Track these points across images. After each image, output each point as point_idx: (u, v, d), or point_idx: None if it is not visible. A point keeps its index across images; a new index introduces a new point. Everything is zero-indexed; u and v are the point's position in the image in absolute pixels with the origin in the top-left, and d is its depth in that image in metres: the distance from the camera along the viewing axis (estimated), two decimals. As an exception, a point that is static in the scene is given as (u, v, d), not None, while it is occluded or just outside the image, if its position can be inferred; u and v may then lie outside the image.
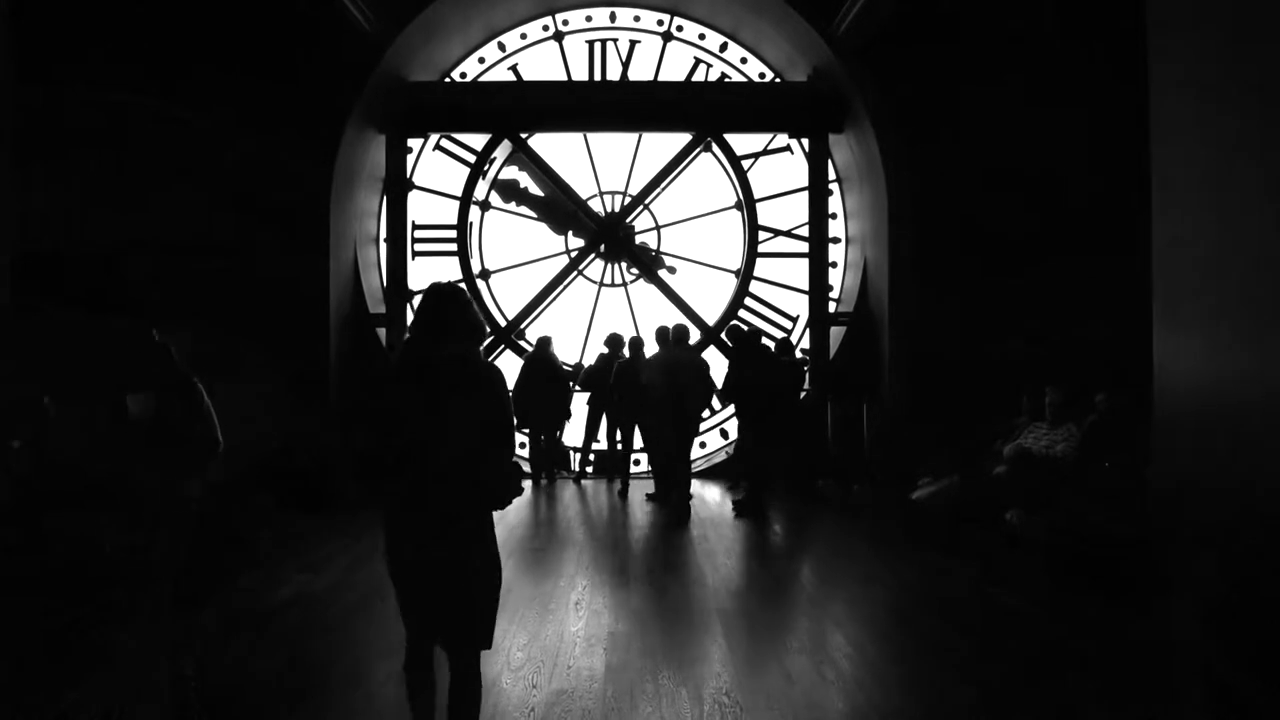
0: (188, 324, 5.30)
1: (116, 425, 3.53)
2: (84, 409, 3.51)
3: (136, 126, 9.95)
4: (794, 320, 12.16)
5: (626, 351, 10.47)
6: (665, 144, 12.28)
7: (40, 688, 3.65)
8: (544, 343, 11.19)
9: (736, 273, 12.37)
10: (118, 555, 3.74)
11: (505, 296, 12.40)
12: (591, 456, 11.74)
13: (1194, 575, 3.70)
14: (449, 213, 12.13)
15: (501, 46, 12.24)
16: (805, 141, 12.06)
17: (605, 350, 10.90)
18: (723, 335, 11.44)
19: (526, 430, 11.21)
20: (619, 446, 10.86)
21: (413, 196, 12.00)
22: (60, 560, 4.03)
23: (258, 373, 8.71)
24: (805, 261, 12.03)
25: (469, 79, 12.19)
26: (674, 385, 8.90)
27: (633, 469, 11.14)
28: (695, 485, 10.62)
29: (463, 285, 4.38)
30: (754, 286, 12.22)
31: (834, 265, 12.07)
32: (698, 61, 12.27)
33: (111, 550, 3.86)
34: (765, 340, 9.83)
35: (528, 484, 11.04)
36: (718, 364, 10.18)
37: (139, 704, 3.70)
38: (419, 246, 12.04)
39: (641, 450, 11.15)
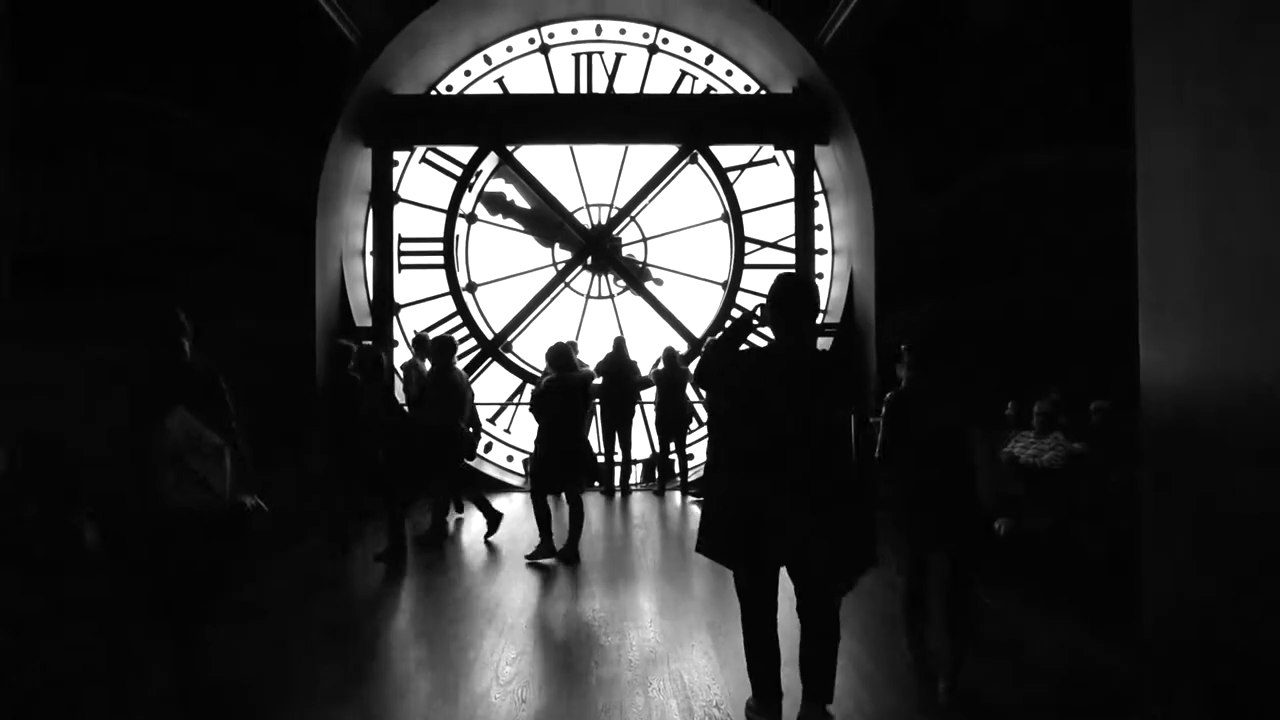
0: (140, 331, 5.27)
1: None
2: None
3: (135, 127, 9.95)
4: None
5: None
6: (651, 156, 12.31)
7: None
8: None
9: (724, 285, 12.38)
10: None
11: (492, 309, 12.38)
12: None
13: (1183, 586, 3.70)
14: (435, 225, 12.11)
15: (488, 59, 12.25)
16: (791, 153, 12.11)
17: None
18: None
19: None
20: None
21: (399, 209, 11.98)
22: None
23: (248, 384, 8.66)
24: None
25: (455, 92, 12.20)
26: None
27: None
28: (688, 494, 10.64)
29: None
30: (741, 298, 12.23)
31: (820, 277, 12.10)
32: (683, 74, 12.31)
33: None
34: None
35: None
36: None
37: None
38: (405, 259, 12.01)
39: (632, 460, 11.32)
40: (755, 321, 4.04)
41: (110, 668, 4.74)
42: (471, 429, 8.70)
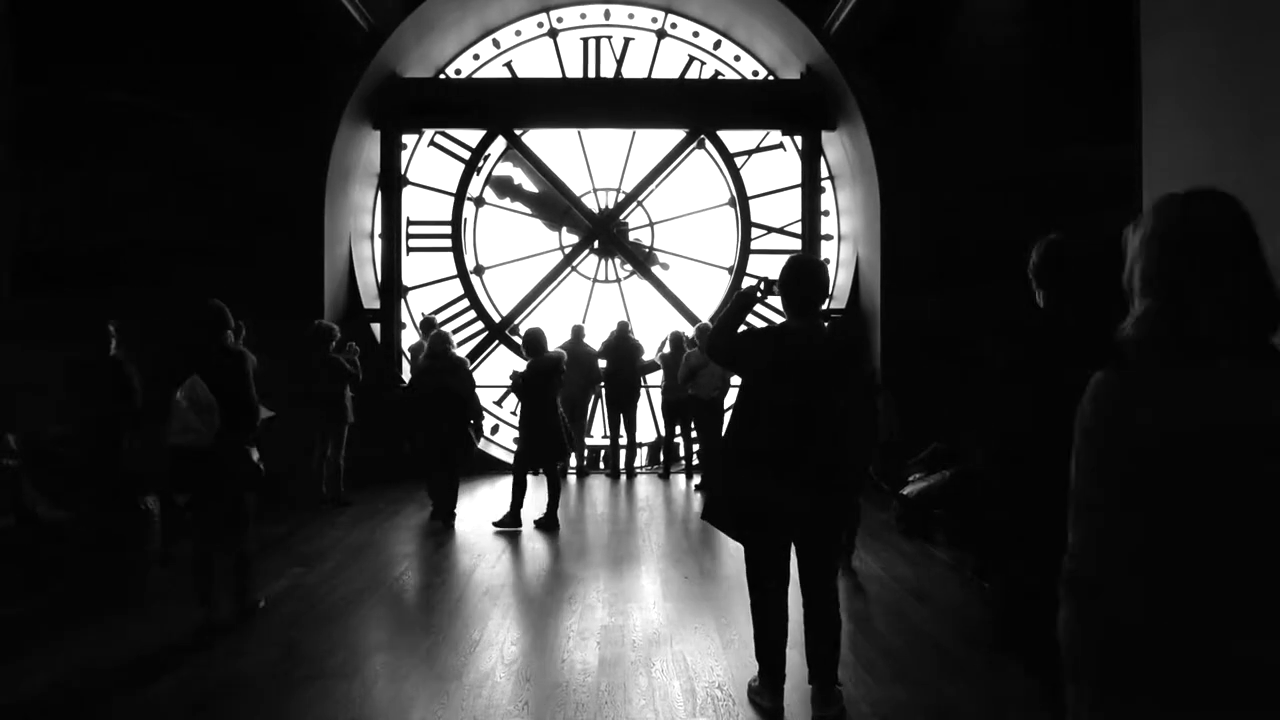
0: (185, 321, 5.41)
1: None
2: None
3: (135, 126, 9.97)
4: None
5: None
6: (659, 141, 12.32)
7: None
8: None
9: (730, 269, 12.42)
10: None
11: (499, 292, 12.46)
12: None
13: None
14: (443, 209, 12.15)
15: (496, 43, 12.26)
16: (798, 139, 12.12)
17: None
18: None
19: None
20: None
21: (407, 192, 12.02)
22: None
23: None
24: (798, 259, 12.07)
25: (463, 75, 12.21)
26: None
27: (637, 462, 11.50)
28: (689, 477, 10.70)
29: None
30: (746, 284, 12.24)
31: (826, 262, 12.09)
32: (691, 59, 12.31)
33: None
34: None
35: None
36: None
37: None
38: (413, 242, 12.06)
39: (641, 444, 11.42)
40: (760, 295, 4.11)
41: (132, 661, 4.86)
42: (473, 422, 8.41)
